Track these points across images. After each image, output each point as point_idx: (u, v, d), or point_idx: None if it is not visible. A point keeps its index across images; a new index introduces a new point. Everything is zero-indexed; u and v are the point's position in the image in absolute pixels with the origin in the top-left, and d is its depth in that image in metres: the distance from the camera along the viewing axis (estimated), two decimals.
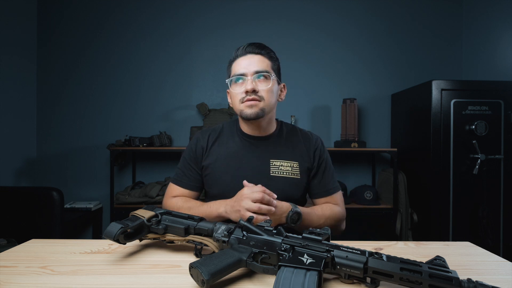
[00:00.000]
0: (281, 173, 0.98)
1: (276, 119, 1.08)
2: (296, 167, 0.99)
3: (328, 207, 0.99)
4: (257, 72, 0.92)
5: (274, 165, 0.98)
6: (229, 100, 1.04)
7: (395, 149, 2.15)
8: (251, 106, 0.92)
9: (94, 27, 2.48)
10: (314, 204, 1.06)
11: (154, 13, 2.49)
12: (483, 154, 1.83)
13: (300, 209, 0.89)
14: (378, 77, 2.52)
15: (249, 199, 0.79)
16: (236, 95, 0.94)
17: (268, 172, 0.97)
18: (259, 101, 0.92)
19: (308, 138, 1.06)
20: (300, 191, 1.00)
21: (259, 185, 0.82)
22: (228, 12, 2.50)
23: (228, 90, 1.01)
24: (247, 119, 0.94)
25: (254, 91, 0.91)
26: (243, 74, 0.93)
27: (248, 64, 0.93)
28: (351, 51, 2.52)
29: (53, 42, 2.47)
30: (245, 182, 0.86)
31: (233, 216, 0.83)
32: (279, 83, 1.01)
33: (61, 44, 2.47)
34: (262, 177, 0.96)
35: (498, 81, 1.94)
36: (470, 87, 1.91)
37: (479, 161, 1.82)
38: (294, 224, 0.86)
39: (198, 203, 0.97)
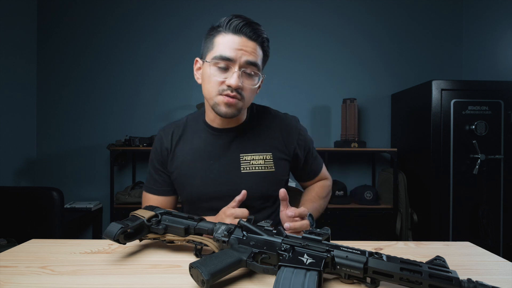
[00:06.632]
0: (253, 168, 0.88)
1: None
2: (270, 159, 0.89)
3: (320, 187, 1.00)
4: (247, 63, 0.78)
5: (245, 160, 0.88)
6: (197, 75, 0.89)
7: (395, 149, 2.15)
8: (229, 105, 0.79)
9: (94, 27, 2.48)
10: (302, 185, 1.05)
11: (154, 13, 2.49)
12: (483, 154, 1.83)
13: (310, 210, 0.86)
14: (378, 77, 2.52)
15: (233, 215, 0.75)
16: (214, 81, 0.80)
17: (238, 169, 0.87)
18: (240, 99, 0.80)
19: (286, 126, 0.93)
20: (276, 185, 0.89)
21: (243, 209, 0.76)
22: (228, 12, 2.48)
23: (199, 62, 0.88)
24: (220, 116, 0.83)
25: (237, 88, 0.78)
26: (230, 59, 0.77)
27: (239, 48, 0.78)
28: (351, 51, 2.52)
29: (53, 42, 2.47)
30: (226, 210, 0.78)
31: None
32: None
33: (61, 44, 2.47)
34: (232, 176, 0.87)
35: (498, 81, 1.94)
36: (470, 87, 1.91)
37: (479, 161, 1.82)
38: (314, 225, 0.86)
39: None
